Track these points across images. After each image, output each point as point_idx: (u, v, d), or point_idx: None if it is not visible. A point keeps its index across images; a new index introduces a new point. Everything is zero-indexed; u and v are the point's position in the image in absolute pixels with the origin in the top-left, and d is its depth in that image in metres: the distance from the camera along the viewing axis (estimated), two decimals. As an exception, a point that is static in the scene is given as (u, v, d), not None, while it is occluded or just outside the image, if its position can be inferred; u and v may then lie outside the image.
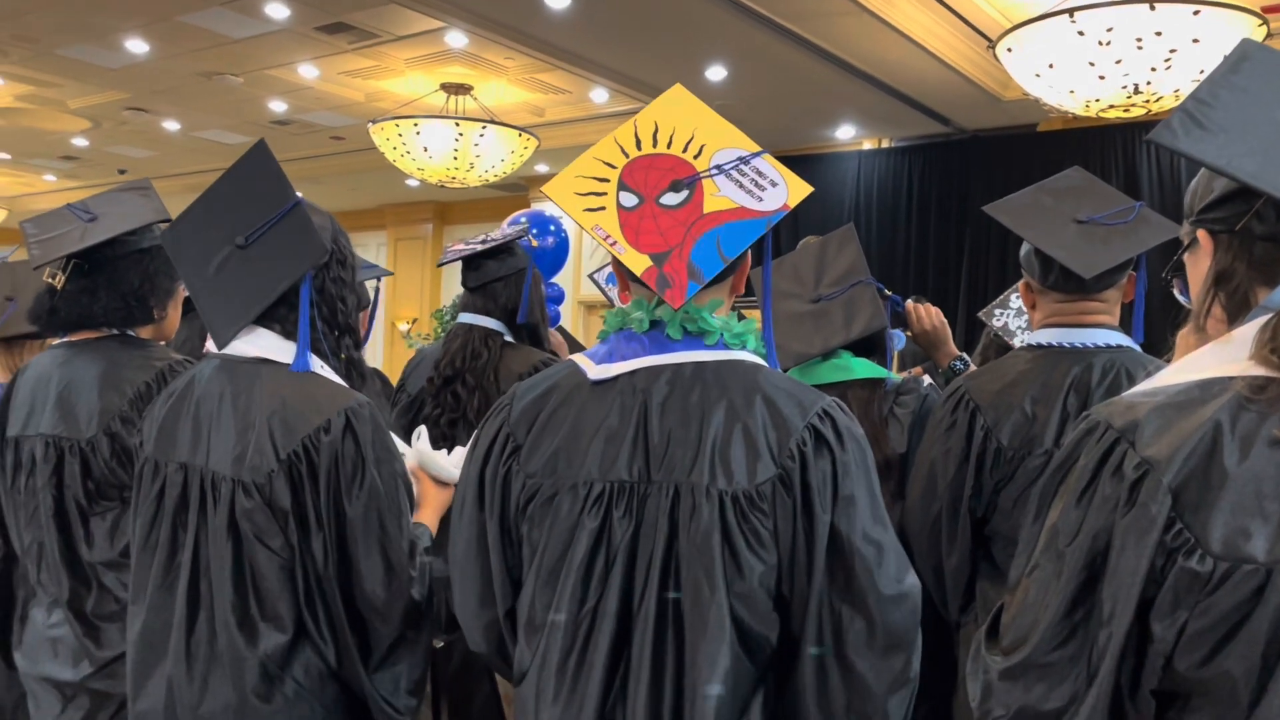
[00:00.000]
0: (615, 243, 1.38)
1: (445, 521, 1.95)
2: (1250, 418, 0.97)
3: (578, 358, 1.49)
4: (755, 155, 1.44)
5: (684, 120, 1.47)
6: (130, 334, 2.20)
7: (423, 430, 1.98)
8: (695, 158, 1.43)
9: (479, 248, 2.90)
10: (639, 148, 1.45)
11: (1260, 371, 0.99)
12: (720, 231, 1.38)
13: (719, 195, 1.41)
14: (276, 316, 1.71)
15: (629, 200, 1.42)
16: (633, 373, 1.41)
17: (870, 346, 2.38)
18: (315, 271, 1.73)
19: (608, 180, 1.44)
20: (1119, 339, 2.06)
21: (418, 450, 1.93)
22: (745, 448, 1.33)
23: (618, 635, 1.34)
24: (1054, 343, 2.08)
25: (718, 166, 1.42)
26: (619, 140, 1.47)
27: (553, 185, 1.46)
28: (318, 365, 1.74)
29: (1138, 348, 2.10)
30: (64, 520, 2.07)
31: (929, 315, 2.58)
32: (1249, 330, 1.03)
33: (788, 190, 1.43)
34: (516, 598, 1.46)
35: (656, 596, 1.32)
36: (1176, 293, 1.33)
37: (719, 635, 1.29)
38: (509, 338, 2.92)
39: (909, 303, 2.60)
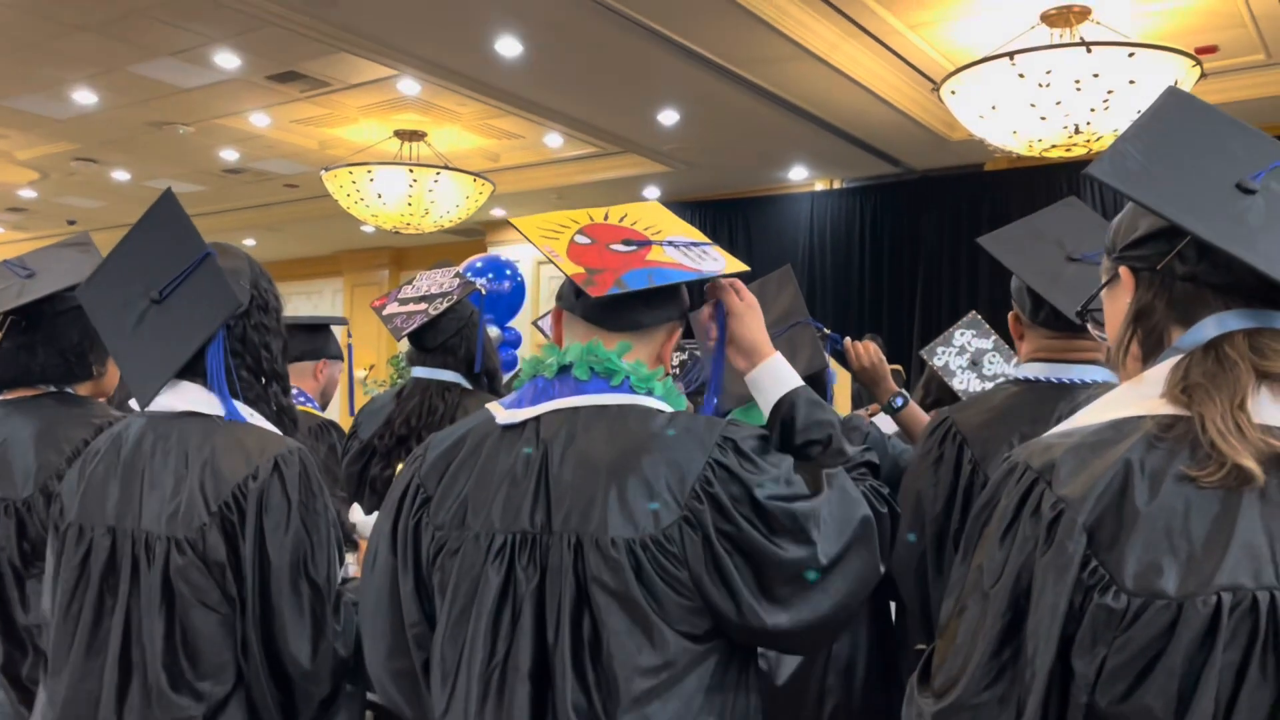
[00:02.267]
0: (559, 255, 1.45)
1: None
2: (1159, 455, 0.99)
3: (491, 405, 1.50)
4: (706, 244, 1.56)
5: (647, 215, 1.59)
6: (69, 391, 2.17)
7: (355, 506, 1.97)
8: (652, 236, 1.55)
9: (433, 313, 2.87)
10: (606, 219, 1.56)
11: (1169, 410, 1.02)
12: (653, 270, 1.45)
13: (665, 255, 1.50)
14: (199, 369, 1.68)
15: (583, 240, 1.50)
16: (538, 418, 1.42)
17: (813, 385, 2.40)
18: (235, 321, 1.70)
19: (569, 227, 1.53)
20: (1105, 375, 2.04)
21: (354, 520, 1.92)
22: (647, 493, 1.32)
23: (536, 692, 1.32)
24: (1041, 378, 2.05)
25: (670, 242, 1.51)
26: (590, 212, 1.57)
27: (524, 220, 1.54)
28: (248, 413, 1.71)
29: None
30: None
31: (867, 353, 2.60)
32: (1161, 370, 1.06)
33: (725, 265, 1.54)
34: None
35: (571, 650, 1.30)
36: (1090, 328, 1.34)
37: (651, 694, 1.29)
38: (467, 385, 2.91)
39: (847, 341, 2.62)
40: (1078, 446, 1.04)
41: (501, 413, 1.46)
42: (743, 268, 1.51)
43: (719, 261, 1.52)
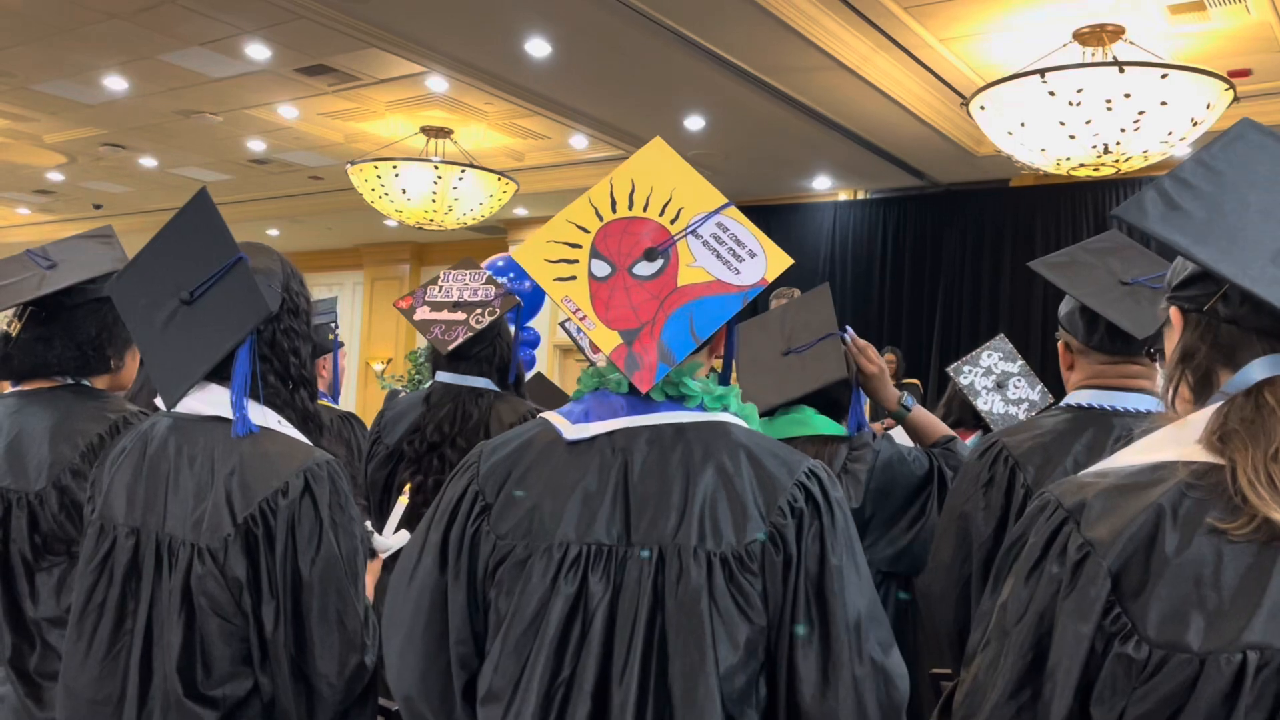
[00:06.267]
0: (585, 317, 1.33)
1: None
2: (1191, 504, 0.96)
3: (551, 416, 1.43)
4: (723, 208, 1.39)
5: (662, 179, 1.41)
6: (85, 384, 2.16)
7: (380, 535, 1.92)
8: (672, 222, 1.38)
9: (476, 326, 2.85)
10: (614, 210, 1.40)
11: (1205, 457, 0.99)
12: (694, 308, 1.33)
13: (694, 265, 1.35)
14: (227, 373, 1.65)
15: (601, 269, 1.36)
16: (611, 433, 1.36)
17: (832, 404, 2.36)
18: (264, 325, 1.67)
19: (580, 246, 1.38)
20: (1158, 405, 2.00)
21: None
22: (732, 508, 1.28)
23: (594, 711, 1.26)
24: (1095, 404, 2.01)
25: (693, 231, 1.37)
26: (594, 201, 1.41)
27: (523, 251, 1.40)
28: (274, 420, 1.68)
29: None
30: (8, 575, 2.01)
31: (876, 360, 2.46)
32: (1204, 414, 1.03)
33: (766, 262, 1.37)
34: (479, 667, 1.37)
35: (639, 669, 1.25)
36: (1158, 367, 1.32)
37: (710, 713, 1.23)
38: (497, 390, 2.90)
39: (850, 339, 2.47)
40: (1110, 489, 1.02)
41: (568, 427, 1.39)
42: (786, 261, 1.37)
43: (758, 257, 1.36)
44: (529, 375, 4.49)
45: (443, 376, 2.89)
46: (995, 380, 3.45)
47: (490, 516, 1.36)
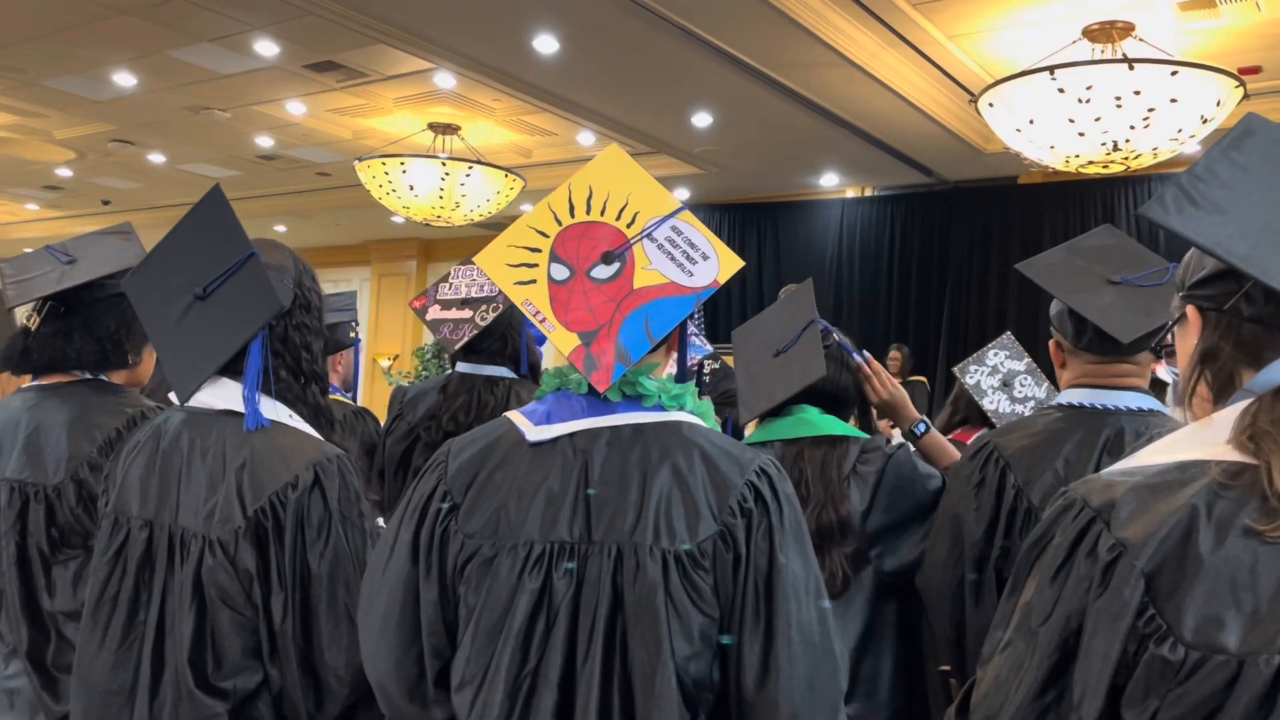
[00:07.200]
0: (545, 320, 1.39)
1: None
2: (1225, 504, 0.95)
3: (514, 416, 1.47)
4: (677, 212, 1.44)
5: (619, 184, 1.46)
6: (103, 379, 2.17)
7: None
8: (628, 226, 1.43)
9: (480, 323, 2.88)
10: (572, 214, 1.45)
11: (1236, 457, 0.98)
12: (649, 309, 1.39)
13: (649, 269, 1.41)
14: (240, 368, 1.67)
15: (560, 273, 1.42)
16: (572, 434, 1.41)
17: (831, 400, 2.32)
18: (277, 320, 1.70)
19: (539, 250, 1.43)
20: (1149, 402, 2.02)
21: None
22: (686, 506, 1.34)
23: (561, 700, 1.32)
24: (1085, 403, 2.03)
25: (649, 234, 1.42)
26: (552, 206, 1.46)
27: (484, 255, 1.44)
28: (286, 414, 1.70)
29: (1167, 411, 2.06)
30: (26, 568, 2.02)
31: (885, 386, 2.42)
32: (1230, 413, 1.02)
33: (719, 264, 1.42)
34: (451, 655, 1.42)
35: (601, 660, 1.31)
36: (1165, 366, 1.30)
37: (668, 700, 1.29)
38: (514, 376, 2.92)
39: (865, 362, 2.43)
40: (1140, 487, 1.00)
41: (530, 428, 1.44)
42: (738, 263, 1.43)
43: (710, 259, 1.42)
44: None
45: (461, 367, 2.93)
46: (1001, 379, 3.44)
47: (459, 516, 1.42)
